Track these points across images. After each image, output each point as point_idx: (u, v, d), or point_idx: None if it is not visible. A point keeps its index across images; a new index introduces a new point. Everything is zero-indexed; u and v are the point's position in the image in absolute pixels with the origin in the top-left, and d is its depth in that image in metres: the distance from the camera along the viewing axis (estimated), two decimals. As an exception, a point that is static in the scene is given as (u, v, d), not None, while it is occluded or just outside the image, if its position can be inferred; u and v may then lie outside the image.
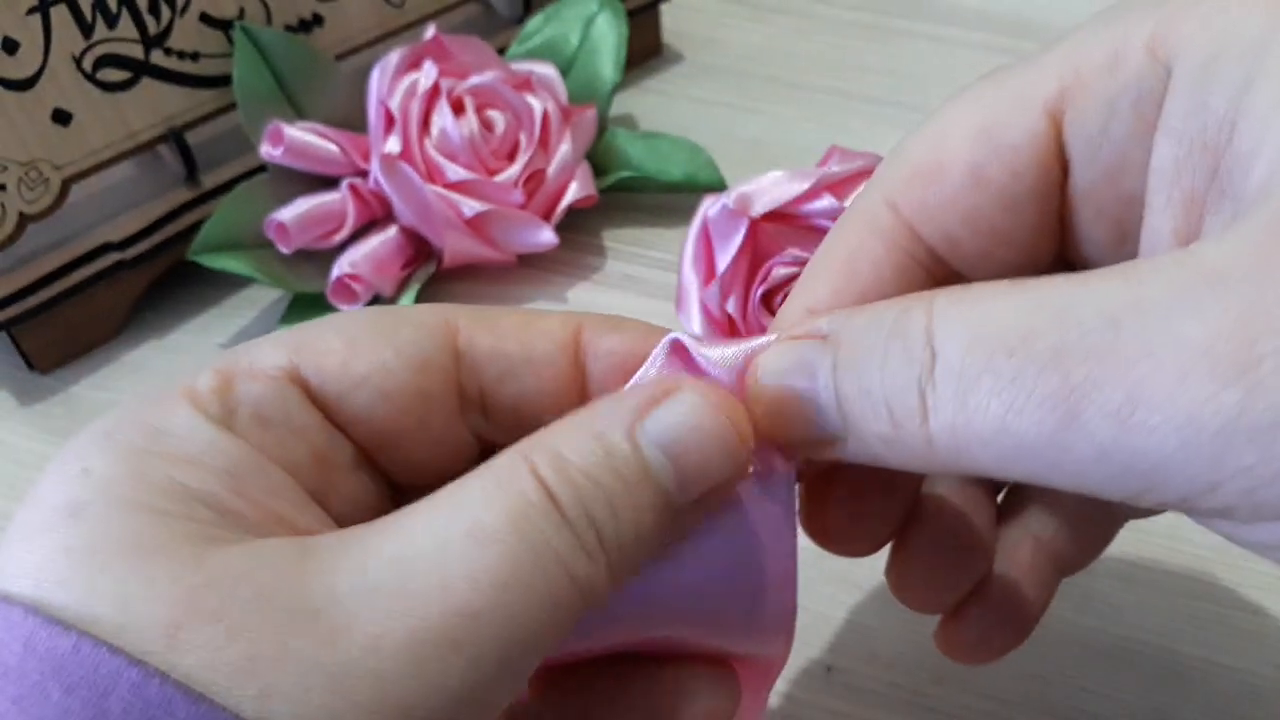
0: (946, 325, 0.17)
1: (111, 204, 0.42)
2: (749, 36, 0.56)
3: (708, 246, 0.38)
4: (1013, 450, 0.17)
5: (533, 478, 0.18)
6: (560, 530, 0.18)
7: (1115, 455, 0.16)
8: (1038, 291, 0.17)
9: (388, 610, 0.17)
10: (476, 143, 0.42)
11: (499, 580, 0.17)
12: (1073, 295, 0.16)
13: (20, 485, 0.38)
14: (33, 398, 0.41)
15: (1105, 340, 0.16)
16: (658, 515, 0.19)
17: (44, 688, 0.15)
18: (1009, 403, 0.16)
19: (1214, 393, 0.15)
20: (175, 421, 0.19)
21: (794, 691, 0.31)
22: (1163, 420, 0.15)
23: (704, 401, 0.19)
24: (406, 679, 0.16)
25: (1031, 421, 0.16)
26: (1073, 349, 0.16)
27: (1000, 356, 0.16)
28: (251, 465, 0.19)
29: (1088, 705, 0.31)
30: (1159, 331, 0.15)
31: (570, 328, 0.22)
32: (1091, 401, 0.16)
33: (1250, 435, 0.15)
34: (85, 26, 0.39)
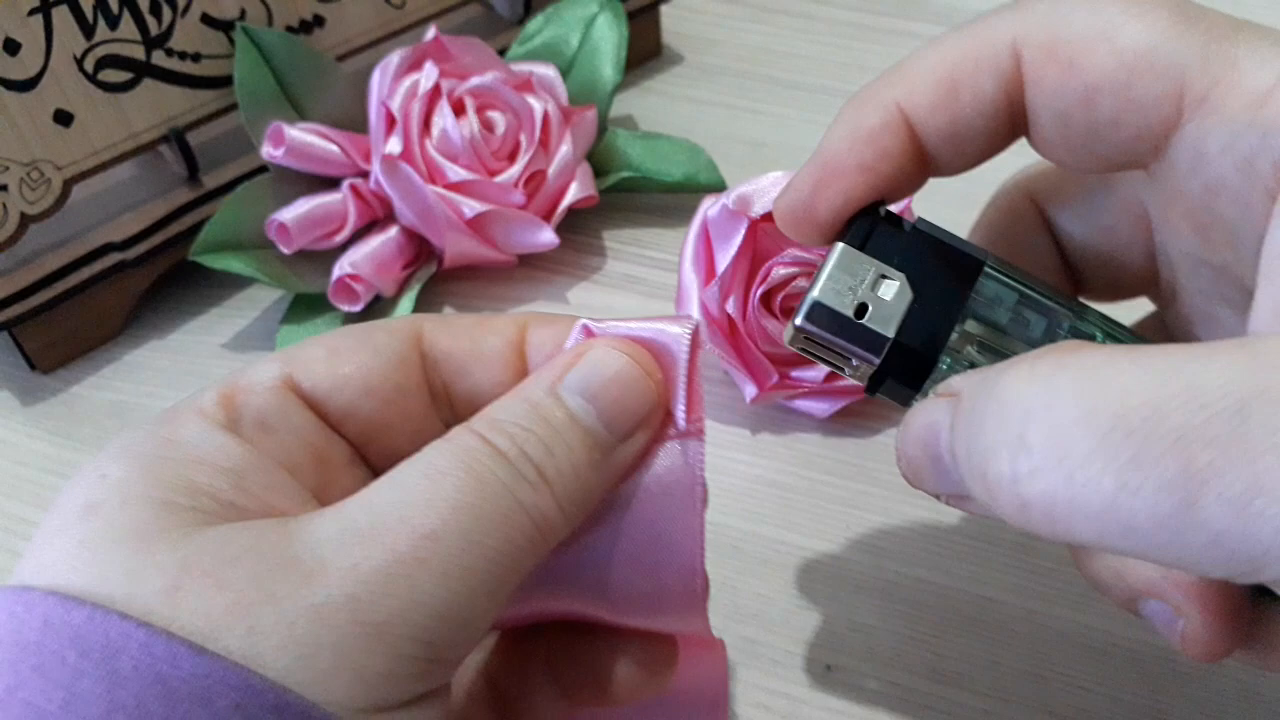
0: (1052, 394, 0.17)
1: (113, 204, 0.42)
2: (749, 37, 0.56)
3: (708, 246, 0.38)
4: (1120, 528, 0.17)
5: (474, 435, 0.21)
6: (502, 463, 0.20)
7: (1228, 541, 0.16)
8: (1160, 363, 0.17)
9: (359, 544, 0.19)
10: (477, 143, 0.42)
11: (453, 504, 0.19)
12: (1199, 375, 0.16)
13: (22, 485, 0.39)
14: (34, 398, 0.41)
15: (1232, 427, 0.16)
16: (590, 452, 0.21)
17: (61, 655, 0.17)
18: (1124, 482, 0.16)
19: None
20: (185, 431, 0.21)
21: (793, 690, 0.32)
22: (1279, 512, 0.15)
23: (612, 351, 0.22)
24: (381, 599, 0.18)
25: (1146, 504, 0.16)
26: (1198, 434, 0.16)
27: (1118, 434, 0.16)
28: (255, 465, 0.21)
29: (1088, 705, 0.31)
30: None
31: (517, 324, 0.24)
32: (1211, 488, 0.16)
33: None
34: (87, 27, 0.39)
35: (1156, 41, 0.20)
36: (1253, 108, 0.19)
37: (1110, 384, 0.17)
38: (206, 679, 0.17)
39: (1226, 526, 0.16)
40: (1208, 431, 0.16)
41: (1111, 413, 0.16)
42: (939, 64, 0.22)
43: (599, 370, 0.22)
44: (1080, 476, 0.17)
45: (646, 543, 0.22)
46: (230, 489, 0.20)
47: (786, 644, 0.33)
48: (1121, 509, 0.16)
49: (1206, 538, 0.16)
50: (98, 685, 0.17)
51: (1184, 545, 0.16)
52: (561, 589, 0.23)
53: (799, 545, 0.35)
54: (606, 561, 0.22)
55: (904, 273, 0.23)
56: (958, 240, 0.24)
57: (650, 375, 0.22)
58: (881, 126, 0.23)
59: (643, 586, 0.23)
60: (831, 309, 0.22)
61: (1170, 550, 0.16)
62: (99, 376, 0.42)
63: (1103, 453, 0.16)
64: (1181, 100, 0.20)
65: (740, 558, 0.35)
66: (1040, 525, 0.18)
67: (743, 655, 0.32)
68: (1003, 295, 0.23)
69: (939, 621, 0.33)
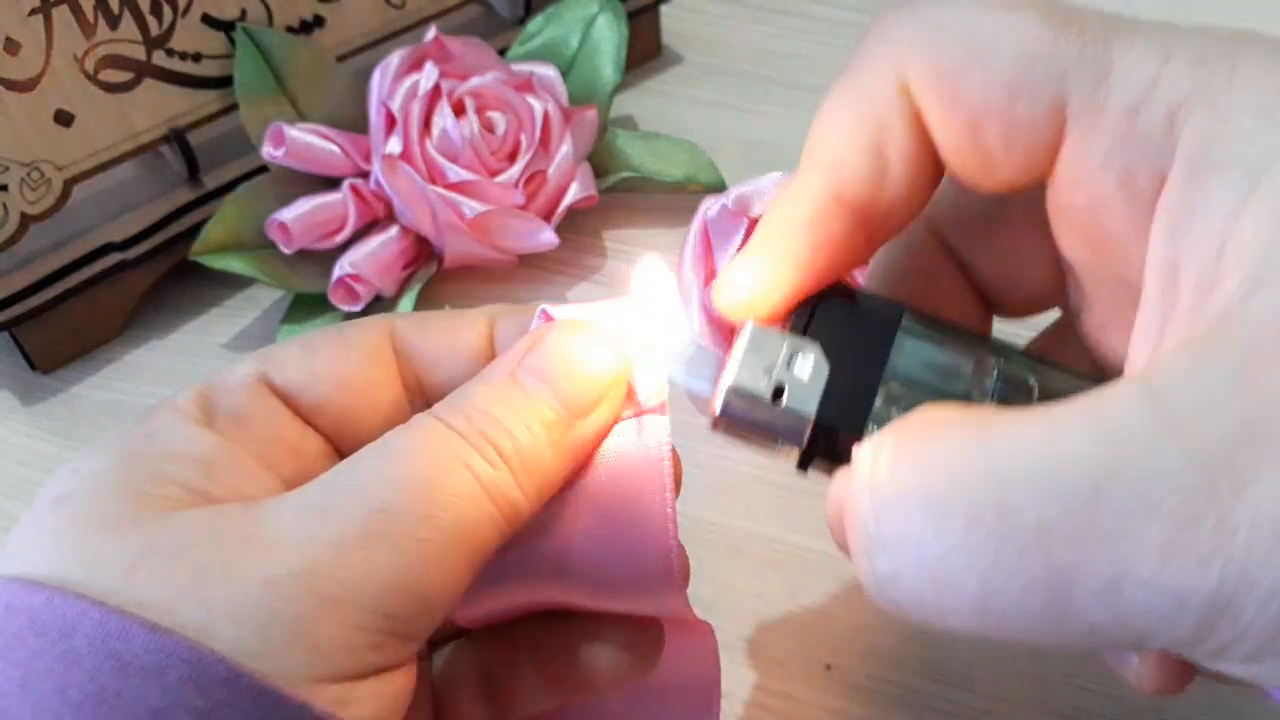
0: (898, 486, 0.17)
1: (113, 204, 0.42)
2: (749, 37, 0.56)
3: (708, 246, 0.38)
4: (996, 624, 0.16)
5: (431, 417, 0.21)
6: (457, 441, 0.20)
7: (1106, 630, 0.16)
8: (1005, 449, 0.16)
9: (315, 521, 0.19)
10: (477, 143, 0.42)
11: (409, 479, 0.20)
12: (1045, 458, 0.16)
13: (22, 485, 0.39)
14: (35, 397, 0.41)
15: (1087, 518, 0.15)
16: (549, 429, 0.21)
17: (21, 637, 0.18)
18: (989, 584, 0.16)
19: (1197, 568, 0.15)
20: (159, 425, 0.21)
21: (793, 690, 0.32)
22: (1151, 595, 0.15)
23: (566, 333, 0.22)
24: (334, 570, 0.18)
25: (1015, 603, 0.16)
26: (1053, 527, 0.15)
27: (977, 535, 0.16)
28: (226, 455, 0.21)
29: (1088, 705, 0.31)
30: (1138, 505, 0.15)
31: (487, 318, 0.25)
32: (1079, 583, 0.15)
33: (1236, 610, 0.15)
34: (87, 27, 0.39)
35: (1032, 54, 0.19)
36: (1128, 119, 0.18)
37: (959, 474, 0.16)
38: (159, 653, 0.17)
39: (1101, 619, 0.16)
40: (1064, 525, 0.15)
41: (963, 509, 0.16)
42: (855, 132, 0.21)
43: (554, 350, 0.22)
44: (944, 579, 0.16)
45: (618, 522, 0.23)
46: (200, 478, 0.20)
47: (786, 644, 0.33)
48: (992, 610, 0.16)
49: (1084, 629, 0.16)
50: (54, 663, 0.17)
51: (1064, 635, 0.16)
52: (538, 577, 0.23)
53: (799, 545, 0.35)
54: (579, 545, 0.23)
55: (818, 340, 0.21)
56: (870, 296, 0.23)
57: (606, 352, 0.22)
58: (817, 217, 0.21)
59: (616, 567, 0.23)
60: (749, 394, 0.21)
61: (1052, 639, 0.16)
62: (99, 376, 0.42)
63: (962, 554, 0.16)
64: (1064, 113, 0.19)
65: (740, 558, 0.35)
66: (921, 620, 0.17)
67: (743, 655, 0.32)
68: (923, 350, 0.22)
69: (939, 621, 0.33)
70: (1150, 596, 0.15)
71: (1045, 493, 0.15)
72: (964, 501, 0.16)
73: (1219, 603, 0.15)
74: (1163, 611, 0.15)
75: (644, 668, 0.25)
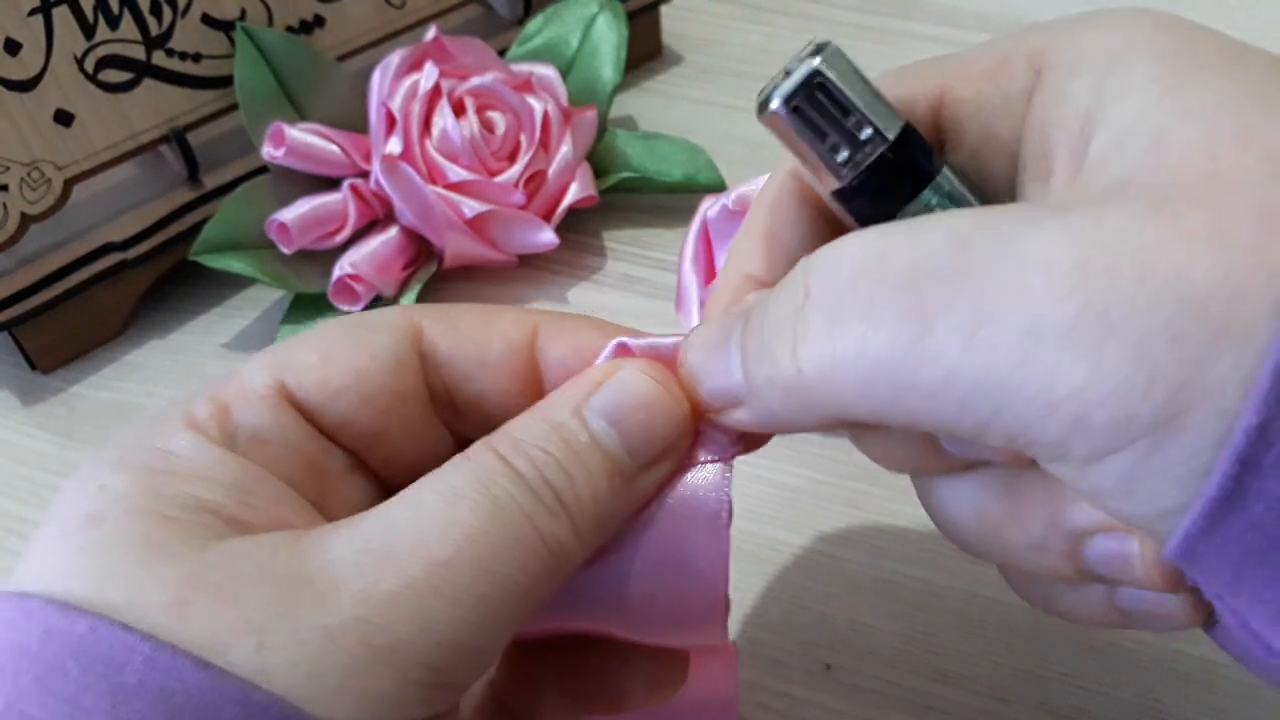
0: (819, 264, 0.18)
1: (113, 204, 0.42)
2: (749, 37, 0.56)
3: (708, 246, 0.38)
4: (870, 373, 0.17)
5: (493, 454, 0.20)
6: (520, 487, 0.20)
7: (962, 374, 0.16)
8: (897, 226, 0.18)
9: (374, 567, 0.18)
10: (477, 144, 0.42)
11: (469, 531, 0.19)
12: (927, 225, 0.17)
13: (21, 485, 0.39)
14: (34, 398, 0.41)
15: (954, 260, 0.16)
16: (611, 478, 0.21)
17: (63, 667, 0.17)
18: (868, 323, 0.17)
19: (1051, 305, 0.15)
20: (181, 444, 0.20)
21: (793, 690, 0.32)
22: (1004, 334, 0.16)
23: (641, 376, 0.21)
24: (392, 624, 0.18)
25: (886, 340, 0.17)
26: (923, 268, 0.17)
27: (861, 281, 0.17)
28: (255, 479, 0.20)
29: (1088, 705, 0.31)
30: (1004, 250, 0.16)
31: (525, 328, 0.23)
32: (941, 319, 0.16)
33: (1083, 348, 0.15)
34: (87, 27, 0.39)
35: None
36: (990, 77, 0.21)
37: (857, 245, 0.18)
38: (212, 694, 0.17)
39: (958, 357, 0.16)
40: (933, 264, 0.17)
41: (857, 265, 0.18)
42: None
43: (626, 394, 0.21)
44: (837, 329, 0.18)
45: (670, 564, 0.22)
46: (233, 504, 0.20)
47: (786, 644, 0.33)
48: (868, 352, 0.17)
49: (942, 373, 0.16)
50: (101, 700, 0.17)
51: (927, 384, 0.17)
52: (581, 608, 0.23)
53: (799, 545, 0.35)
54: (628, 582, 0.22)
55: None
56: None
57: (678, 402, 0.22)
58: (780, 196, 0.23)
59: (664, 607, 0.22)
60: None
61: (917, 393, 0.17)
62: (99, 376, 0.42)
63: (850, 301, 0.17)
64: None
65: (740, 558, 0.35)
66: (820, 393, 0.18)
67: (743, 655, 0.32)
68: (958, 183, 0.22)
69: (939, 621, 0.33)
70: (1004, 335, 0.16)
71: (920, 241, 0.17)
72: (857, 262, 0.18)
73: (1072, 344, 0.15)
74: (1016, 356, 0.16)
75: (670, 692, 0.25)
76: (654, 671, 0.25)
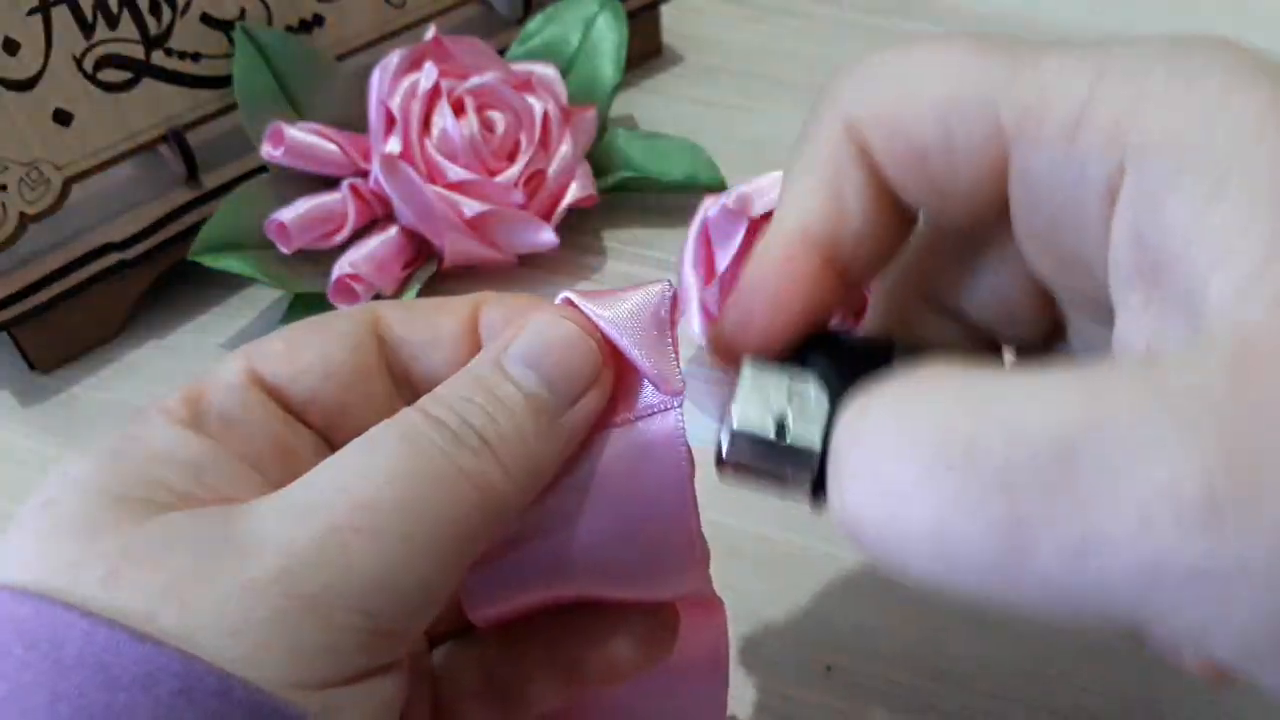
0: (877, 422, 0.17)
1: (112, 204, 0.42)
2: (749, 37, 0.56)
3: (708, 246, 0.38)
4: (946, 567, 0.16)
5: (415, 410, 0.21)
6: (440, 430, 0.20)
7: (1068, 594, 0.15)
8: (982, 391, 0.16)
9: (296, 518, 0.19)
10: (477, 143, 0.42)
11: (388, 472, 0.19)
12: (1023, 406, 0.15)
13: (21, 485, 0.38)
14: (33, 398, 0.41)
15: (1059, 472, 0.15)
16: (536, 417, 0.21)
17: (9, 648, 0.17)
18: (947, 522, 0.15)
19: (1179, 540, 0.14)
20: (147, 428, 0.21)
21: (794, 690, 0.31)
22: (1123, 566, 0.14)
23: (553, 317, 0.22)
24: (314, 570, 0.18)
25: (973, 547, 0.15)
26: (1022, 476, 0.15)
27: (940, 469, 0.15)
28: (215, 459, 0.21)
29: (1088, 705, 0.31)
30: (1120, 468, 0.14)
31: (470, 305, 0.24)
32: (1043, 538, 0.15)
33: (1212, 589, 0.14)
34: (86, 27, 0.39)
35: (960, 80, 0.19)
36: (1066, 139, 0.18)
37: (933, 412, 0.16)
38: (148, 665, 0.17)
39: (1063, 579, 0.15)
40: (1033, 473, 0.15)
41: (931, 443, 0.16)
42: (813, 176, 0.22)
43: (540, 336, 0.22)
44: (903, 512, 0.16)
45: (640, 514, 0.22)
46: (187, 481, 0.20)
47: (786, 644, 0.33)
48: (948, 550, 0.15)
49: (1042, 587, 0.15)
50: (41, 676, 0.17)
51: (1016, 591, 0.15)
52: (560, 574, 0.23)
53: (799, 545, 0.35)
54: (603, 540, 0.22)
55: (814, 372, 0.22)
56: (860, 337, 0.23)
57: (592, 336, 0.22)
58: (787, 256, 0.22)
59: (642, 557, 0.23)
60: (753, 435, 0.21)
61: (1010, 595, 0.16)
62: (98, 377, 0.42)
63: (923, 487, 0.15)
64: (1002, 137, 0.19)
65: (740, 558, 0.35)
66: (878, 555, 0.17)
67: (743, 655, 0.32)
68: None
69: (939, 621, 0.33)
70: (1123, 568, 0.14)
71: (1017, 437, 0.15)
72: (933, 436, 0.16)
73: (1204, 581, 0.14)
74: (1137, 588, 0.14)
75: (661, 656, 0.25)
76: (643, 631, 0.25)
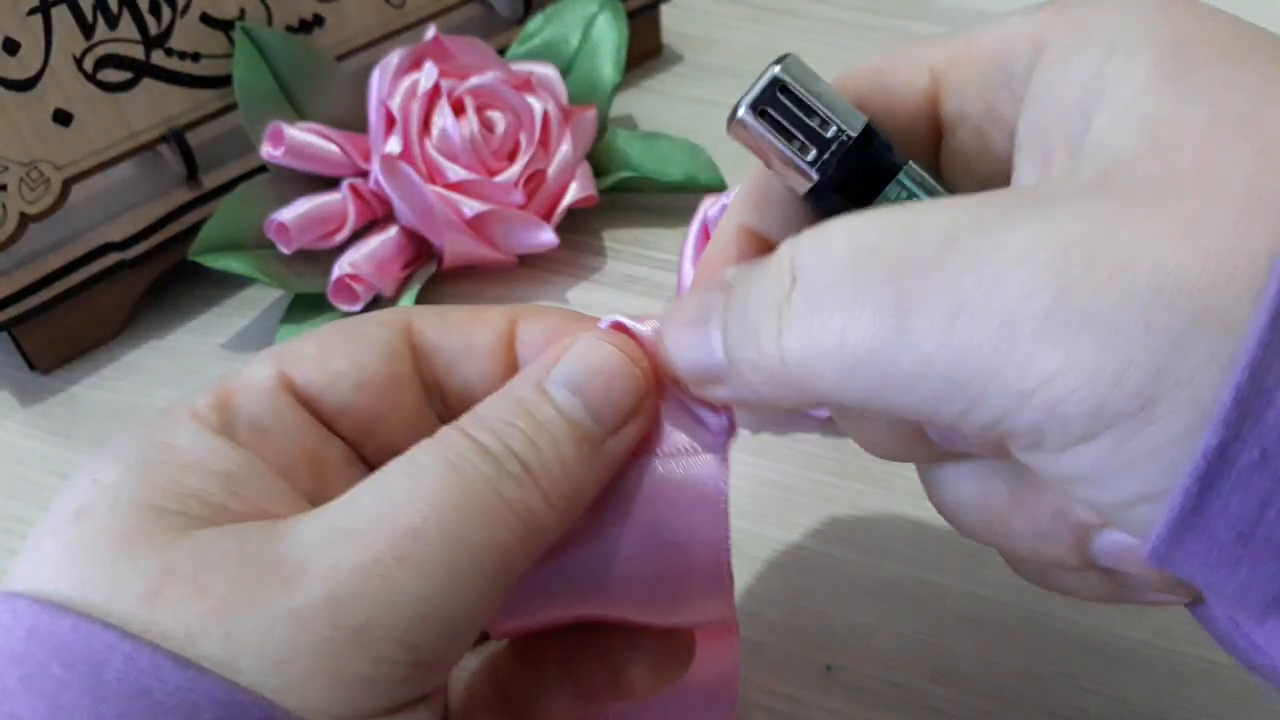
0: (806, 249, 0.18)
1: (112, 204, 0.42)
2: (749, 37, 0.56)
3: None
4: (849, 364, 0.17)
5: (458, 431, 0.20)
6: (485, 458, 0.20)
7: (939, 364, 0.16)
8: (885, 215, 0.18)
9: (339, 544, 0.18)
10: (477, 143, 0.42)
11: (434, 500, 0.19)
12: (917, 215, 0.17)
13: (21, 485, 0.38)
14: (33, 398, 0.41)
15: (938, 253, 0.16)
16: (578, 445, 0.21)
17: (47, 666, 0.17)
18: (848, 314, 0.17)
19: (1027, 296, 0.15)
20: (178, 434, 0.21)
21: (793, 691, 0.31)
22: (980, 324, 0.16)
23: (598, 343, 0.22)
24: (359, 599, 0.18)
25: (866, 334, 0.17)
26: (908, 261, 0.17)
27: (844, 271, 0.17)
28: (248, 469, 0.21)
29: (1088, 705, 0.31)
30: (986, 242, 0.16)
31: (507, 318, 0.24)
32: (920, 311, 0.16)
33: (1057, 338, 0.15)
34: (86, 27, 0.39)
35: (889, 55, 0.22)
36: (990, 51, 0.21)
37: (843, 233, 0.18)
38: (191, 692, 0.17)
39: (935, 348, 0.16)
40: (917, 258, 0.17)
41: (842, 254, 0.18)
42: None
43: (585, 362, 0.22)
44: (818, 319, 0.17)
45: (671, 536, 0.22)
46: (221, 493, 0.20)
47: (786, 644, 0.33)
48: (848, 343, 0.17)
49: (919, 363, 0.16)
50: (82, 698, 0.17)
51: (904, 375, 0.17)
52: (588, 592, 0.23)
53: (799, 545, 0.35)
54: (631, 559, 0.22)
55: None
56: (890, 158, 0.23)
57: (639, 366, 0.22)
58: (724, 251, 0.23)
59: (669, 581, 0.22)
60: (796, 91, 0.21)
61: (894, 385, 0.17)
62: (98, 377, 0.42)
63: (833, 290, 0.17)
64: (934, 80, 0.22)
65: (740, 558, 0.35)
66: (800, 380, 0.18)
67: (743, 656, 0.32)
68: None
69: (939, 621, 0.33)
70: (981, 326, 0.16)
71: (905, 235, 0.17)
72: (842, 251, 0.18)
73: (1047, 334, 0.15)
74: (991, 346, 0.16)
75: (677, 673, 0.25)
76: (659, 654, 0.24)
